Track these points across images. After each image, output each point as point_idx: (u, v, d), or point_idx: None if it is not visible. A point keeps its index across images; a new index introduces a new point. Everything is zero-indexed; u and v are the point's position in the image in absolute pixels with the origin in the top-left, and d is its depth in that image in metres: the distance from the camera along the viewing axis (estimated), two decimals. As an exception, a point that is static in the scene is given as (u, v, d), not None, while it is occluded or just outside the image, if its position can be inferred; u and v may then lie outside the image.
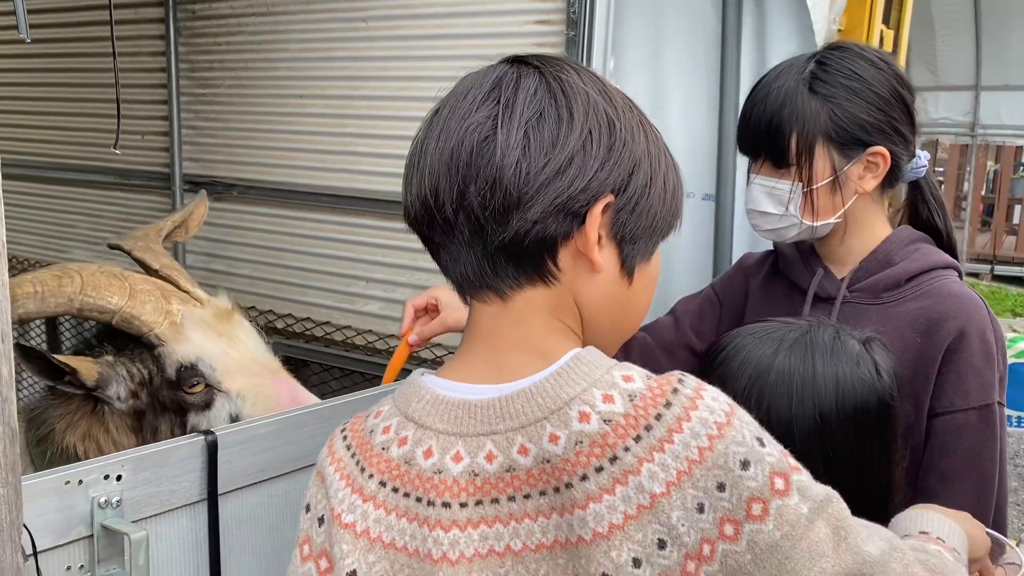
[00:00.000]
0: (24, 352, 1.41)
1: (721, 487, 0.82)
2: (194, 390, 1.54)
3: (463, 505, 0.85)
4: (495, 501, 0.85)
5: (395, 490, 0.88)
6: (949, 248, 1.54)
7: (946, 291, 1.46)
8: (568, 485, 0.83)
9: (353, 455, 0.92)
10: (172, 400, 1.56)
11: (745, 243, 2.29)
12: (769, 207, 1.50)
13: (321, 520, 0.93)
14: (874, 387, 1.16)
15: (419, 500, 0.86)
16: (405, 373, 1.58)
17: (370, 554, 0.87)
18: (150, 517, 1.20)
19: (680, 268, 2.27)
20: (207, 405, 1.55)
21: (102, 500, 1.13)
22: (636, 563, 0.81)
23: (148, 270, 1.67)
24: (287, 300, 2.77)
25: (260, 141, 2.77)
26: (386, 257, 2.51)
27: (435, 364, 2.38)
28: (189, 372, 1.53)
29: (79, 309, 1.45)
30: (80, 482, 1.12)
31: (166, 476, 1.21)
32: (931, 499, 1.29)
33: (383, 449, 0.90)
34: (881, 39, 3.32)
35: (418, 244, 0.94)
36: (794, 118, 1.44)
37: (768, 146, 1.47)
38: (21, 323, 1.39)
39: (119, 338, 1.58)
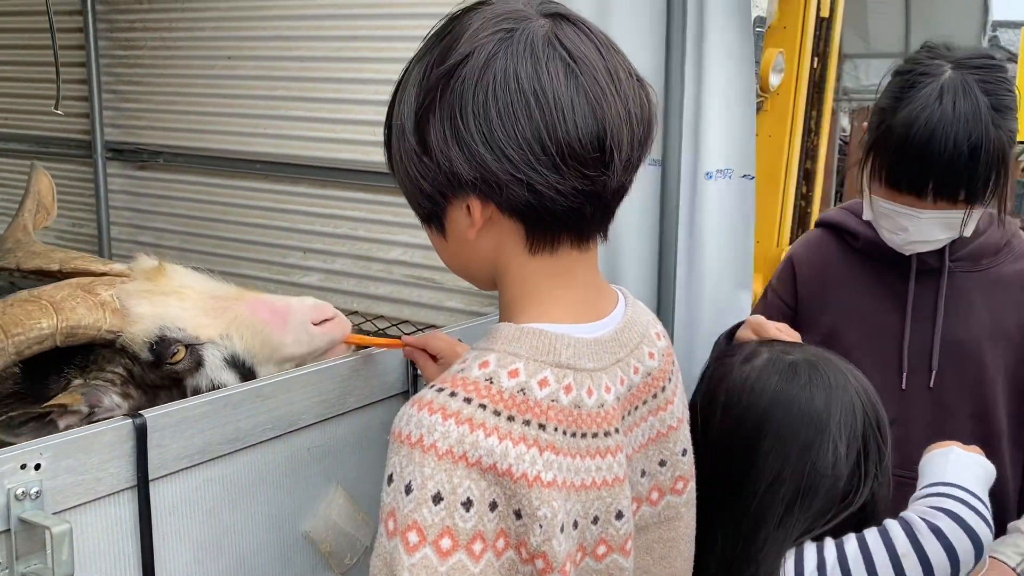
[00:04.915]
0: (8, 424, 1.27)
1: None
2: (177, 358, 1.43)
3: (618, 431, 0.99)
4: (622, 418, 1.00)
5: (574, 435, 0.94)
6: None
7: None
8: (663, 389, 1.07)
9: (512, 418, 0.90)
10: (163, 378, 1.45)
11: (688, 208, 2.26)
12: (941, 234, 1.52)
13: (481, 504, 0.88)
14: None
15: (595, 436, 0.96)
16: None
17: (567, 503, 0.93)
18: (74, 507, 1.11)
19: (626, 233, 2.23)
20: (198, 364, 1.44)
21: (19, 491, 1.04)
22: (688, 437, 1.13)
23: (49, 275, 1.52)
24: (219, 273, 2.63)
25: (187, 105, 2.64)
26: (325, 227, 2.42)
27: (377, 336, 2.31)
28: (162, 345, 1.42)
29: (17, 353, 1.31)
30: (-7, 473, 1.03)
31: (91, 463, 1.12)
32: None
33: (553, 401, 0.93)
34: (819, 4, 3.32)
35: (357, 213, 0.88)
36: (986, 152, 1.42)
37: (960, 186, 1.44)
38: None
39: (75, 357, 1.45)
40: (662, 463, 1.08)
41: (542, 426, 0.91)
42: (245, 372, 1.48)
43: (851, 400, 1.27)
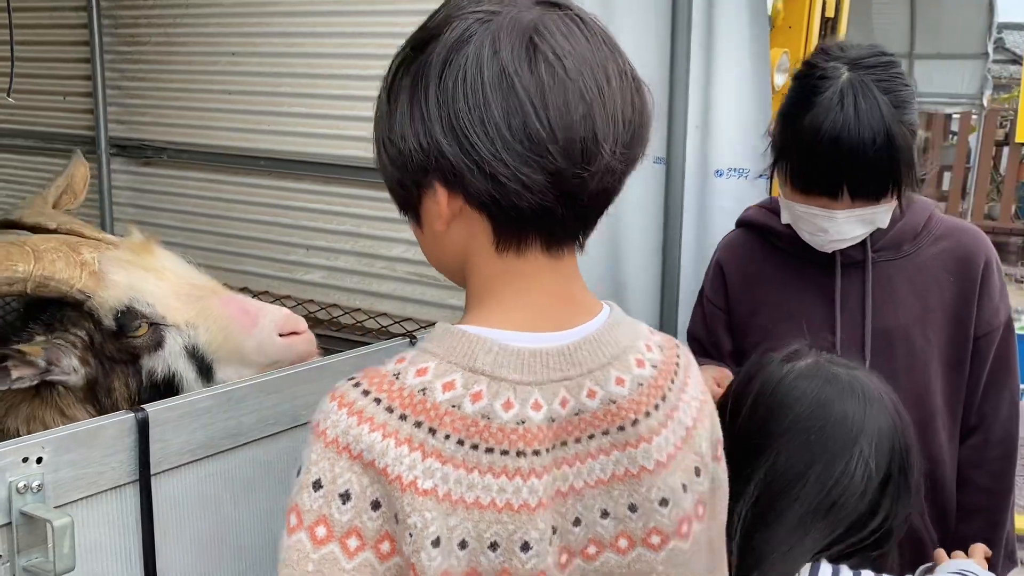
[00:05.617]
0: None
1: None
2: (139, 333, 1.43)
3: (547, 451, 0.88)
4: (564, 444, 0.90)
5: (475, 447, 0.86)
6: None
7: (956, 227, 1.66)
8: (635, 422, 0.92)
9: (404, 417, 0.85)
10: (120, 351, 1.45)
11: (695, 206, 2.26)
12: (860, 230, 1.54)
13: (361, 500, 0.85)
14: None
15: (505, 453, 0.87)
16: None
17: (451, 518, 0.85)
18: (76, 501, 1.11)
19: (629, 231, 2.23)
20: (158, 345, 1.45)
21: (20, 485, 1.04)
22: (684, 488, 0.96)
23: (46, 231, 1.55)
24: (222, 270, 2.64)
25: (191, 102, 2.63)
26: (328, 223, 2.42)
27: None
28: (127, 316, 1.42)
29: None
30: (-5, 466, 1.03)
31: (93, 457, 1.12)
32: (984, 403, 1.63)
33: (454, 407, 0.86)
34: (824, 4, 3.32)
35: (360, 209, 0.87)
36: (892, 149, 1.45)
37: (872, 184, 1.47)
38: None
39: (43, 314, 1.47)
40: (632, 508, 0.94)
41: (432, 431, 0.85)
42: (203, 367, 1.48)
43: (887, 421, 1.25)
